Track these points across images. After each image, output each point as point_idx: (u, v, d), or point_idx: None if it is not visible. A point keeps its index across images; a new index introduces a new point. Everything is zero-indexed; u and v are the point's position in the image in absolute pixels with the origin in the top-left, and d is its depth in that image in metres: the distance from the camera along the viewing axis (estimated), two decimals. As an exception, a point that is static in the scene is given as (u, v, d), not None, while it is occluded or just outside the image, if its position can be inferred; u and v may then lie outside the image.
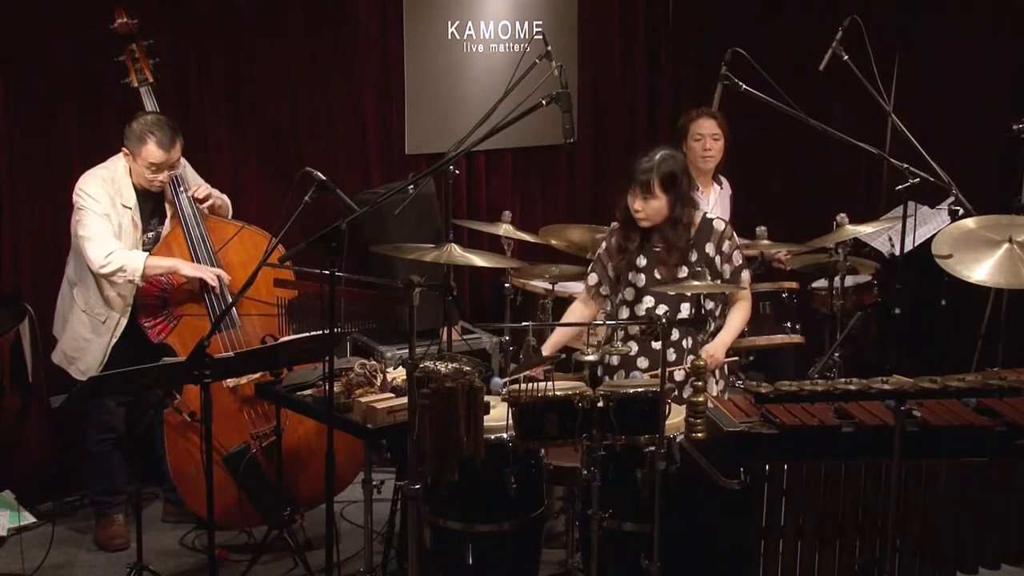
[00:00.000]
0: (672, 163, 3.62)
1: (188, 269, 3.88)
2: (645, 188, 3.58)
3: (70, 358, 4.00)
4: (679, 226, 3.63)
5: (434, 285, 3.29)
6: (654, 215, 3.62)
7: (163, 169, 3.83)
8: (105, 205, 3.81)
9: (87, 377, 3.90)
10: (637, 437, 3.06)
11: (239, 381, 3.88)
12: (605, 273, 3.79)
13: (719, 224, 3.72)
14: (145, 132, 3.81)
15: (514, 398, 3.01)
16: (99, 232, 3.80)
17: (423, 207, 4.70)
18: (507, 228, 4.54)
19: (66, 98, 4.34)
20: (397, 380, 3.46)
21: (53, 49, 4.28)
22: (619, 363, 3.70)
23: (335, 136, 5.05)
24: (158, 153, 3.81)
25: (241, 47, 4.74)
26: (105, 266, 3.78)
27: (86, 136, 4.34)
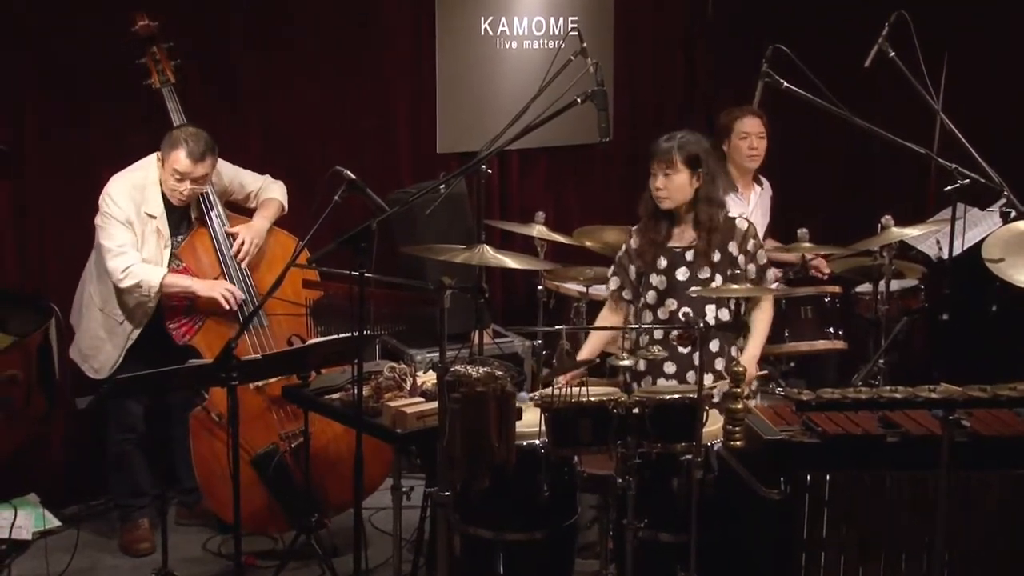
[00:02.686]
0: (695, 144, 3.62)
1: (203, 289, 3.92)
2: (667, 163, 3.57)
3: (84, 355, 4.05)
4: (712, 206, 3.61)
5: (465, 287, 3.30)
6: (676, 192, 3.60)
7: (186, 180, 3.88)
8: (129, 212, 3.86)
9: (101, 377, 3.96)
10: (674, 445, 3.06)
11: (267, 381, 3.90)
12: (627, 276, 3.77)
13: (742, 223, 3.70)
14: (180, 139, 3.86)
15: (547, 403, 3.01)
16: (120, 243, 3.86)
17: (454, 207, 4.70)
18: (540, 229, 4.54)
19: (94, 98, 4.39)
20: (427, 384, 3.46)
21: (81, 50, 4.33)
22: (646, 369, 3.69)
23: (365, 135, 5.07)
24: (185, 162, 3.85)
25: (268, 45, 4.77)
26: (122, 280, 3.85)
27: (112, 136, 4.39)
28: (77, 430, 4.43)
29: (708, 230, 3.61)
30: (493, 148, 3.89)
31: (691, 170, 3.58)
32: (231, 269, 4.01)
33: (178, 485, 4.26)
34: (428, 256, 3.93)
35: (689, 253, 3.65)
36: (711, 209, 3.61)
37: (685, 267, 3.64)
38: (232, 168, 4.20)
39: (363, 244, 3.09)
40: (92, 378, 4.02)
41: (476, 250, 3.63)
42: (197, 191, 3.95)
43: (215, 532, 4.20)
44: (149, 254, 3.92)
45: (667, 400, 3.07)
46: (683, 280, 3.64)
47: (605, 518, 3.40)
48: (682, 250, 3.66)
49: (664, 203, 3.62)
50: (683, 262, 3.65)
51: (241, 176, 4.20)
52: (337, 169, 3.37)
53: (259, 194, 4.21)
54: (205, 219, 4.03)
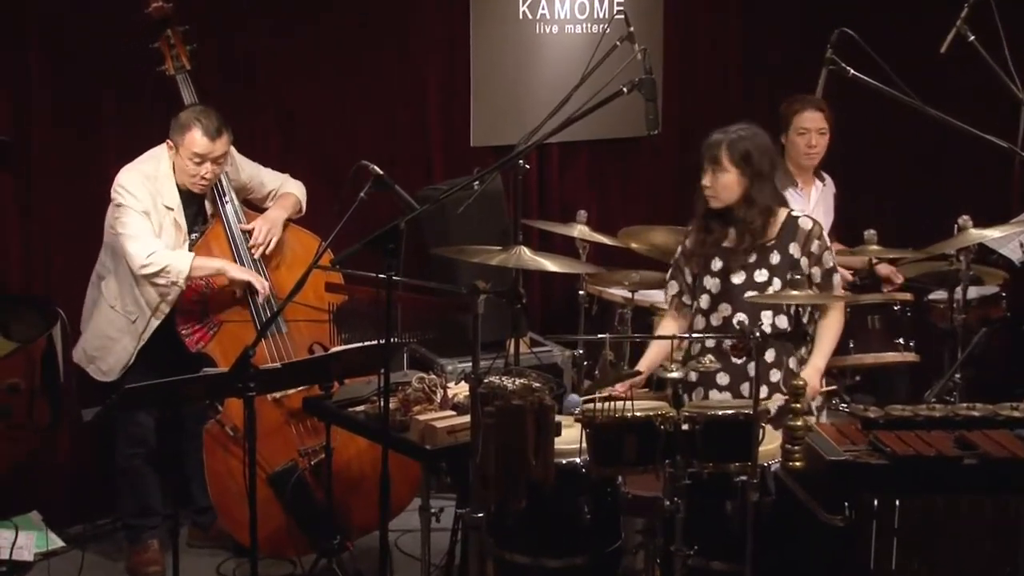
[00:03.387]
0: (748, 141, 3.62)
1: (236, 272, 3.96)
2: (713, 161, 3.59)
3: (91, 357, 4.10)
4: (753, 208, 3.61)
5: (501, 292, 3.31)
6: (723, 192, 3.61)
7: (207, 161, 3.93)
8: (145, 203, 3.92)
9: (110, 379, 4.02)
10: (727, 464, 3.05)
11: (285, 392, 3.95)
12: (684, 280, 3.78)
13: (806, 222, 3.69)
14: (191, 119, 3.92)
15: (589, 418, 3.02)
16: (140, 230, 3.90)
17: (489, 205, 4.73)
18: (582, 229, 4.55)
19: (105, 87, 4.46)
20: (459, 396, 3.48)
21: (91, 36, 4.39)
22: (697, 380, 3.69)
23: (393, 127, 5.11)
24: (202, 141, 3.90)
25: (288, 30, 4.82)
26: (147, 266, 3.88)
27: (124, 128, 4.46)
28: (83, 443, 4.49)
29: (742, 232, 3.62)
30: (532, 141, 3.91)
31: (740, 169, 3.59)
32: (246, 263, 4.06)
33: (191, 504, 4.31)
34: (460, 258, 3.95)
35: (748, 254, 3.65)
36: (748, 210, 3.62)
37: (742, 270, 3.65)
38: (252, 164, 4.26)
39: (391, 245, 3.11)
40: (99, 381, 4.07)
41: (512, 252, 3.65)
42: (218, 173, 4.01)
43: (230, 555, 4.25)
44: (170, 247, 3.96)
45: (719, 416, 3.07)
46: (739, 284, 3.64)
47: (651, 544, 3.38)
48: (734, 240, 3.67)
49: (712, 202, 3.64)
50: (739, 264, 3.66)
51: (261, 173, 4.26)
52: (363, 164, 3.41)
53: (278, 193, 4.27)
54: (220, 215, 4.09)
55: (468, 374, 3.13)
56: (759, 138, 3.67)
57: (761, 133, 3.70)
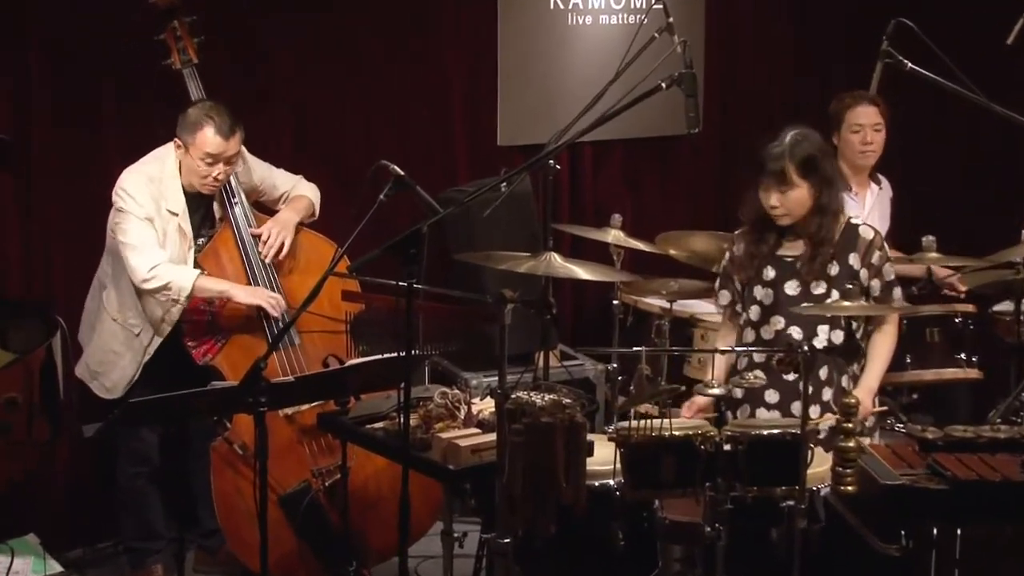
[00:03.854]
0: (808, 144, 3.60)
1: (243, 295, 3.97)
2: (780, 178, 3.55)
3: (94, 372, 4.12)
4: (826, 215, 3.59)
5: (529, 301, 3.31)
6: (796, 208, 3.59)
7: (219, 162, 3.94)
8: (148, 208, 3.93)
9: (114, 396, 4.03)
10: (772, 488, 3.04)
11: (298, 408, 3.95)
12: (735, 288, 3.77)
13: (867, 231, 3.67)
14: (202, 117, 3.92)
15: (623, 438, 3.01)
16: (142, 239, 3.92)
17: (517, 208, 4.72)
18: (617, 234, 4.53)
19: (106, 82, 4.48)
20: (484, 413, 3.48)
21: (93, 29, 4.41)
22: (743, 397, 3.68)
23: (415, 125, 5.11)
24: (215, 140, 3.91)
25: (304, 22, 4.83)
26: (148, 280, 3.89)
27: (127, 125, 4.48)
28: (83, 461, 4.51)
29: (818, 243, 3.59)
30: (563, 140, 3.90)
31: (810, 180, 3.57)
32: (259, 277, 4.08)
33: (197, 527, 4.32)
34: (486, 265, 3.95)
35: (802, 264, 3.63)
36: (823, 219, 3.60)
37: (796, 280, 3.63)
38: (263, 165, 4.27)
39: (412, 250, 3.11)
40: (103, 398, 4.09)
41: (542, 258, 3.65)
42: (230, 173, 4.02)
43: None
44: (172, 257, 3.98)
45: (765, 436, 3.06)
46: (793, 295, 3.62)
47: (690, 573, 3.37)
48: (794, 260, 3.65)
49: (783, 220, 3.61)
50: (794, 274, 3.63)
51: (273, 175, 4.27)
52: (382, 164, 3.41)
53: (291, 195, 4.28)
54: (229, 219, 4.10)
55: (494, 389, 3.12)
56: (816, 138, 3.65)
57: (815, 133, 3.68)
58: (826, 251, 3.60)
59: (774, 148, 3.57)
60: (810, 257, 3.60)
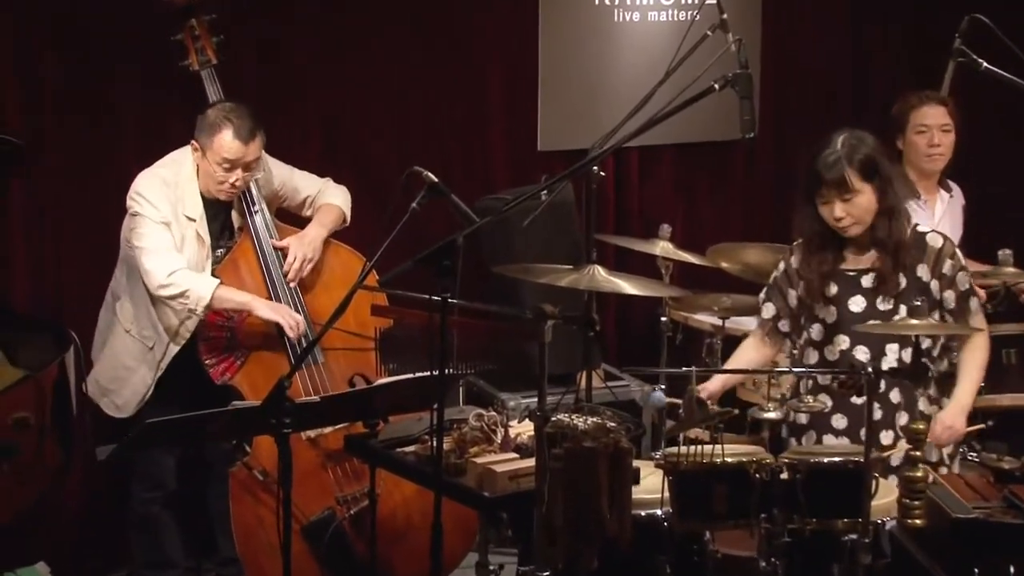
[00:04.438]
0: (863, 145, 3.58)
1: (265, 309, 3.99)
2: (841, 186, 3.54)
3: (104, 389, 4.15)
4: (896, 217, 3.57)
5: (571, 317, 3.31)
6: (863, 215, 3.57)
7: (237, 167, 3.97)
8: (165, 213, 3.97)
9: (125, 415, 4.06)
10: (833, 521, 3.03)
11: (322, 431, 3.97)
12: (784, 303, 3.76)
13: (935, 239, 3.65)
14: (220, 119, 3.96)
15: (672, 464, 3.01)
16: (159, 243, 3.95)
17: (559, 218, 4.73)
18: (665, 246, 4.53)
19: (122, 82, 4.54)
20: (522, 437, 3.49)
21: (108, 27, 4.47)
22: (808, 422, 3.66)
23: (450, 129, 5.14)
24: (234, 145, 3.95)
25: (333, 19, 4.86)
26: (165, 287, 3.92)
27: (144, 128, 4.53)
28: (95, 486, 4.55)
29: (893, 249, 3.57)
30: (608, 145, 3.91)
31: (872, 183, 3.55)
32: (280, 292, 4.11)
33: (215, 555, 4.33)
34: (525, 278, 3.95)
35: (867, 278, 3.61)
36: (894, 222, 3.58)
37: (861, 295, 3.62)
38: (285, 168, 4.30)
39: (446, 262, 3.12)
40: (113, 417, 4.12)
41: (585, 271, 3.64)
42: (249, 180, 4.05)
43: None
44: (190, 264, 4.00)
45: (825, 464, 3.05)
46: (858, 312, 3.61)
47: (744, 612, 3.38)
48: (858, 274, 3.63)
49: (852, 231, 3.58)
50: (859, 289, 3.62)
51: (296, 178, 4.30)
52: (415, 170, 3.42)
53: (316, 200, 4.30)
54: (249, 228, 4.13)
55: (533, 411, 3.13)
56: (869, 138, 3.63)
57: (866, 132, 3.66)
58: (904, 256, 3.57)
59: (829, 156, 3.55)
60: (891, 267, 3.56)
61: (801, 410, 3.50)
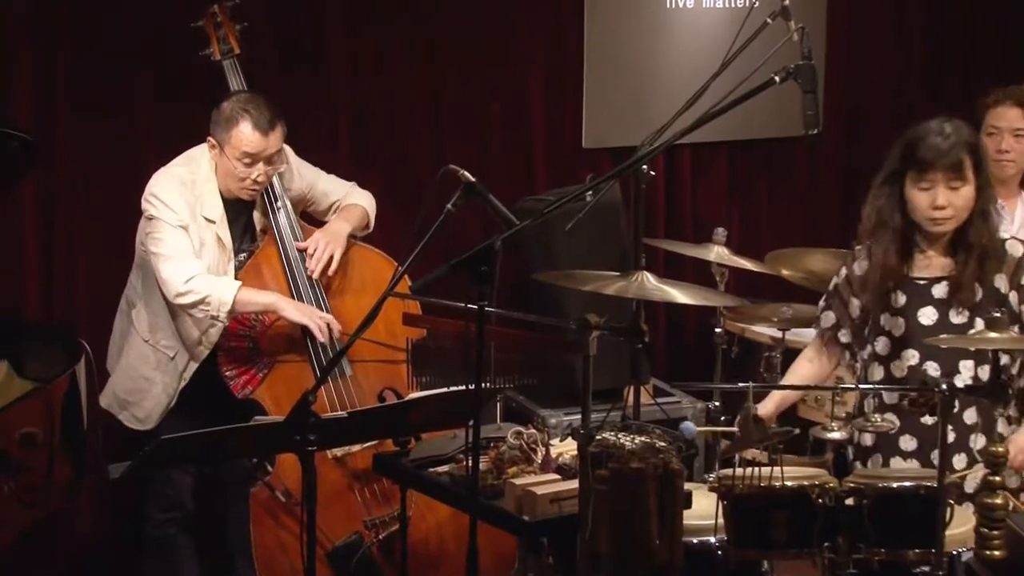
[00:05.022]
0: (973, 134, 3.57)
1: (292, 310, 3.98)
2: (953, 171, 3.48)
3: (123, 401, 4.16)
4: (988, 221, 3.54)
5: (618, 328, 3.30)
6: (963, 210, 3.52)
7: (258, 161, 3.97)
8: (182, 215, 3.98)
9: (147, 428, 4.08)
10: (903, 551, 3.00)
11: (349, 450, 3.97)
12: (845, 312, 3.73)
13: (1015, 247, 3.61)
14: (237, 111, 3.96)
15: (727, 488, 2.99)
16: (177, 249, 3.96)
17: (605, 221, 4.73)
18: (720, 251, 4.52)
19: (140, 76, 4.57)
20: (564, 457, 3.48)
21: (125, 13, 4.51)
22: (874, 443, 3.64)
23: (487, 125, 5.15)
24: (253, 137, 3.95)
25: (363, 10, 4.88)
26: (184, 294, 3.93)
27: (163, 123, 4.56)
28: (106, 506, 4.59)
29: (980, 255, 3.53)
30: (658, 142, 3.90)
31: (978, 177, 3.52)
32: (305, 298, 4.09)
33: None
34: (568, 285, 3.95)
35: (939, 287, 3.57)
36: (986, 224, 3.55)
37: (932, 307, 3.58)
38: (311, 169, 4.30)
39: (483, 268, 3.12)
40: (128, 432, 4.13)
41: (633, 279, 3.63)
42: (271, 174, 4.05)
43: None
44: (211, 269, 4.01)
45: (895, 488, 3.02)
46: (929, 325, 3.57)
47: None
48: (929, 283, 3.59)
49: (945, 226, 3.53)
50: (930, 300, 3.58)
51: (321, 180, 4.30)
52: (451, 168, 3.42)
53: (342, 204, 4.31)
54: (273, 231, 4.13)
55: (576, 429, 3.11)
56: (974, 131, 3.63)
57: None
58: (992, 267, 3.53)
59: (941, 139, 3.50)
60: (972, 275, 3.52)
61: (868, 430, 3.47)
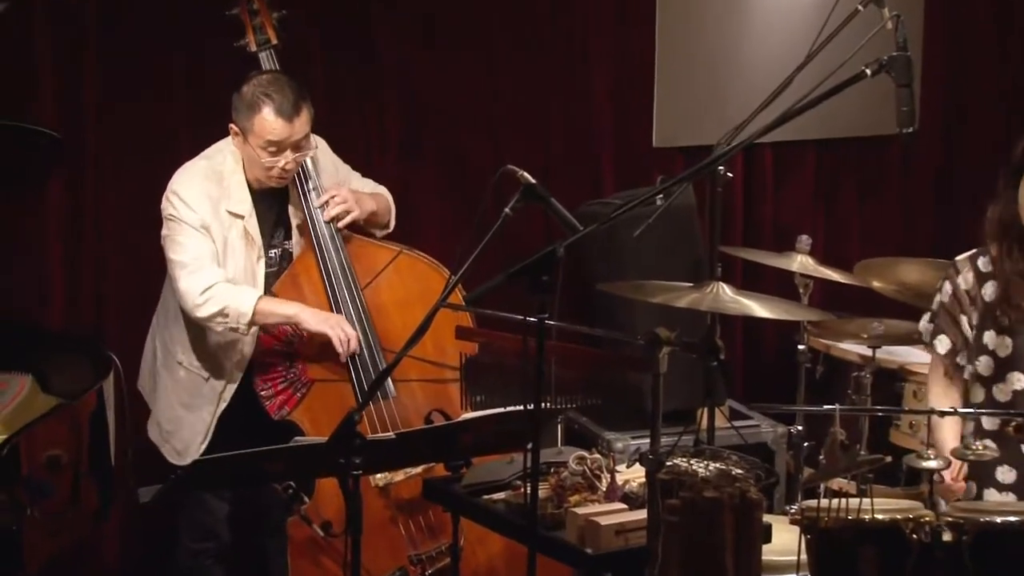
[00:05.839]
0: None
1: (312, 321, 3.98)
2: None
3: (166, 433, 4.19)
4: None
5: (691, 344, 3.29)
6: None
7: (285, 149, 3.96)
8: (203, 213, 3.99)
9: (186, 462, 4.07)
10: (1007, 592, 2.97)
11: (393, 477, 3.98)
12: (959, 333, 3.72)
13: None
14: (258, 96, 3.94)
15: (811, 521, 2.98)
16: (195, 254, 3.97)
17: (677, 227, 4.72)
18: (804, 261, 4.49)
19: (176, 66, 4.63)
20: (631, 484, 3.47)
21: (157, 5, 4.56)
22: (968, 473, 3.63)
23: (548, 122, 5.16)
24: (276, 124, 3.93)
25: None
26: (201, 305, 3.94)
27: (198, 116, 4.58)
28: (135, 533, 4.62)
29: None
30: (737, 142, 3.88)
31: None
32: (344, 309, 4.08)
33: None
34: (636, 297, 3.94)
35: None
36: None
37: None
38: (344, 167, 4.31)
39: (544, 277, 3.11)
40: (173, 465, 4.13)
41: (708, 290, 3.63)
42: (301, 160, 4.04)
43: None
44: (236, 270, 4.02)
45: (998, 524, 3.00)
46: None
47: None
48: None
49: None
50: None
51: (355, 180, 4.30)
52: (509, 169, 3.43)
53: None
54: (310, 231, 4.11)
55: (644, 454, 3.11)
56: None
57: None
58: None
59: None
60: None
61: (968, 458, 3.44)
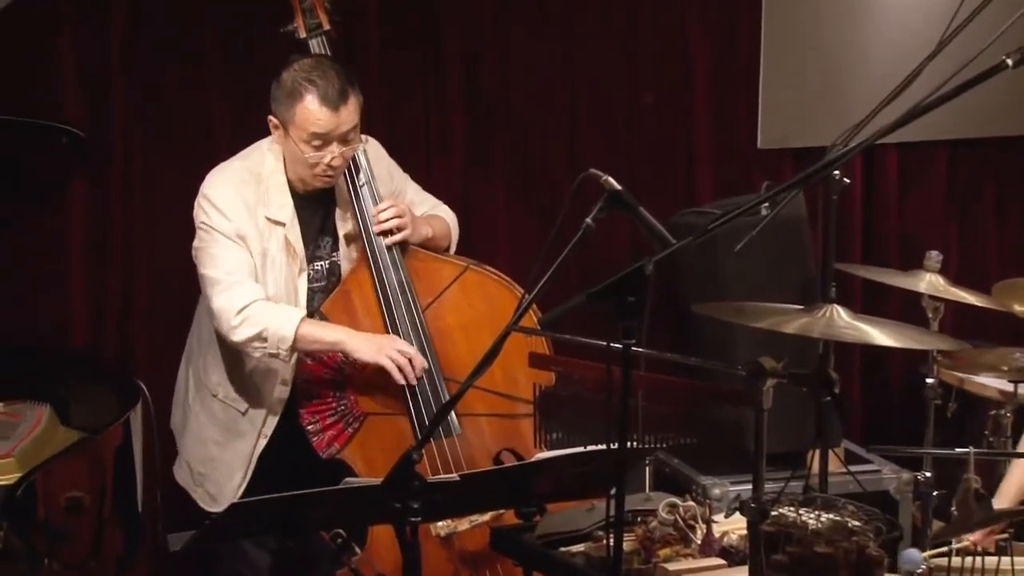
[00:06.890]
0: None
1: (363, 349, 3.95)
2: None
3: (198, 476, 4.21)
4: None
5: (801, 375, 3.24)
6: None
7: (330, 142, 3.95)
8: (239, 222, 3.98)
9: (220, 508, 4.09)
10: None
11: (456, 526, 3.97)
12: None
13: None
14: (300, 83, 3.93)
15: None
16: (230, 269, 3.96)
17: (785, 241, 4.71)
18: (934, 280, 4.44)
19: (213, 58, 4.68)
20: (731, 537, 3.45)
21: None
22: None
23: (638, 121, 5.16)
24: (321, 114, 3.92)
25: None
26: (236, 327, 3.93)
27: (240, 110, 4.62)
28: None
29: None
30: (855, 143, 3.83)
31: None
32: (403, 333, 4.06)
33: None
34: (737, 321, 3.89)
35: None
36: None
37: None
38: (400, 173, 4.31)
39: (631, 298, 3.08)
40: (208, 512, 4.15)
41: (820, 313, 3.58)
42: (349, 155, 4.03)
43: None
44: (276, 285, 4.02)
45: None
46: None
47: None
48: None
49: None
50: None
51: (411, 189, 4.31)
52: (592, 173, 3.40)
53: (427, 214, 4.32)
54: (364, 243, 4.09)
55: (746, 502, 3.06)
56: None
57: None
58: None
59: None
60: None
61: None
